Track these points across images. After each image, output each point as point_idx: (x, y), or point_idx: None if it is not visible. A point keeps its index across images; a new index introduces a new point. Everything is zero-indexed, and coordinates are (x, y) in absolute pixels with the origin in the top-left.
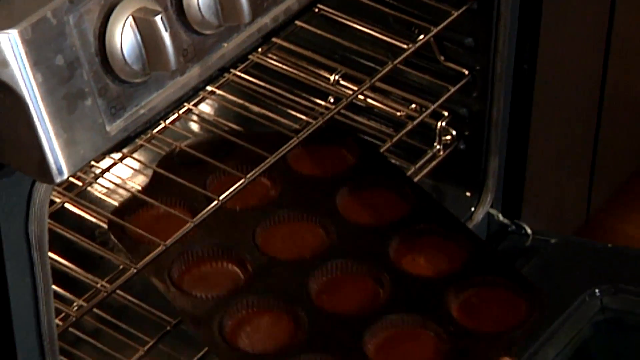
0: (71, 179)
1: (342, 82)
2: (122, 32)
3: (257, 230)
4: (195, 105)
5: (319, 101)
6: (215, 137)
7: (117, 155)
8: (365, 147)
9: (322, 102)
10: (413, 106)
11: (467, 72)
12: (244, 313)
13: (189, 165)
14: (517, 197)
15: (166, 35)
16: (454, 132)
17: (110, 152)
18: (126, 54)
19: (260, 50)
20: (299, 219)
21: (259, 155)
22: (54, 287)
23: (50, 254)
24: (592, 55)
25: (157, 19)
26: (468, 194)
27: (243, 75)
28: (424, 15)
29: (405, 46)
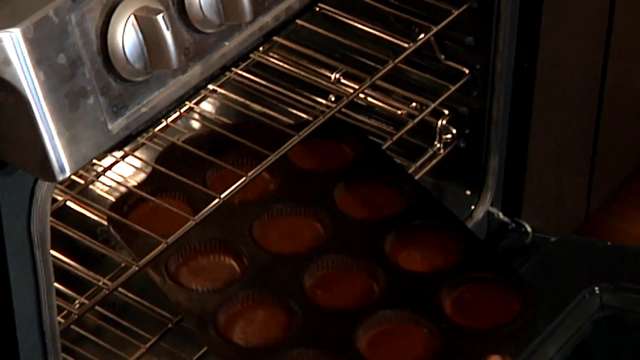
0: (73, 177)
1: (343, 80)
2: (124, 31)
3: (255, 223)
4: (197, 103)
5: (320, 100)
6: (216, 129)
7: (119, 154)
8: (365, 142)
9: (323, 101)
10: (414, 105)
11: (467, 71)
12: (239, 306)
13: (189, 157)
14: (517, 195)
15: (168, 34)
16: (454, 131)
17: (112, 151)
18: (128, 53)
19: (261, 49)
20: (296, 213)
21: (260, 148)
22: (56, 284)
23: (52, 252)
24: (592, 54)
25: (159, 17)
26: (468, 192)
27: (244, 73)
28: (424, 14)
29: (405, 45)
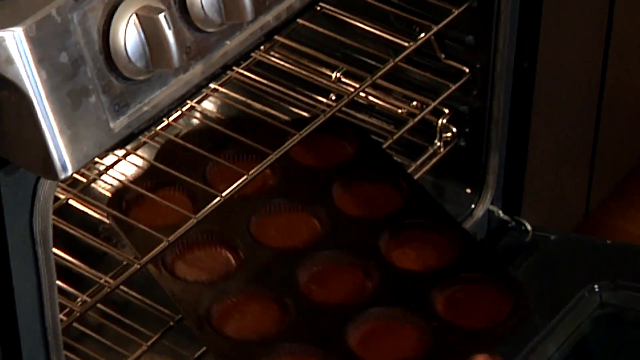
0: (75, 175)
1: (343, 79)
2: (126, 30)
3: (253, 218)
4: (198, 102)
5: (320, 98)
6: (215, 126)
7: (120, 152)
8: (365, 139)
9: (324, 100)
10: (414, 103)
11: (467, 70)
12: (233, 299)
13: (189, 150)
14: (517, 193)
15: (169, 33)
16: (455, 129)
17: (114, 149)
18: (130, 52)
19: (262, 48)
20: (294, 208)
21: (260, 140)
22: (58, 282)
23: (55, 250)
24: (592, 53)
25: (161, 16)
26: (468, 190)
27: (246, 72)
28: (425, 14)
29: (406, 44)
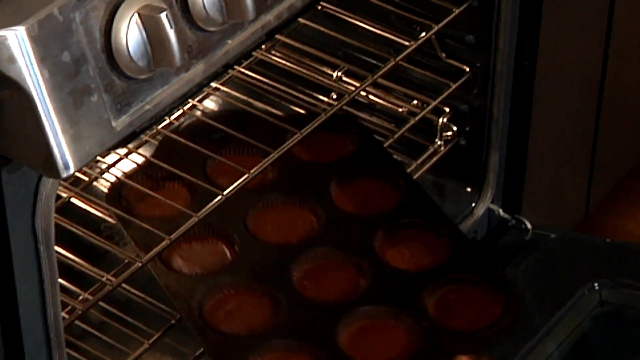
0: (77, 174)
1: (344, 78)
2: (128, 29)
3: (250, 212)
4: (200, 101)
5: (322, 97)
6: (218, 116)
7: (122, 151)
8: (365, 135)
9: (325, 99)
10: (415, 102)
11: (468, 69)
12: (226, 293)
13: (191, 141)
14: (517, 192)
15: (171, 32)
16: (455, 128)
17: (116, 148)
18: (132, 51)
19: (264, 47)
20: (291, 203)
21: (260, 135)
22: (60, 280)
23: (57, 248)
24: (592, 52)
25: (163, 16)
26: (469, 189)
27: (247, 71)
28: (425, 13)
29: (407, 43)
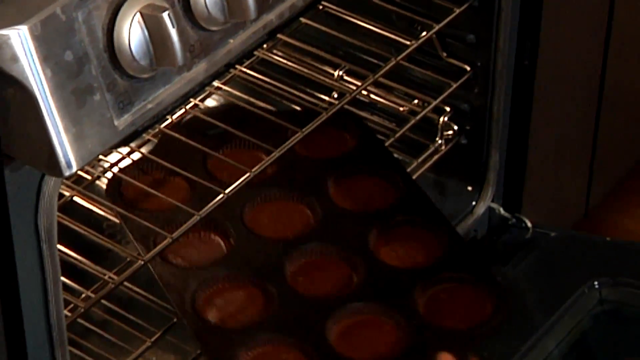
0: (80, 172)
1: (346, 77)
2: (130, 28)
3: (247, 205)
4: (202, 100)
5: (323, 96)
6: (218, 110)
7: (124, 150)
8: (365, 132)
9: (326, 98)
10: (416, 101)
11: (468, 68)
12: (219, 285)
13: (192, 136)
14: (518, 191)
15: (173, 31)
16: (456, 127)
17: (118, 147)
18: (134, 50)
19: (265, 46)
20: (289, 198)
21: (262, 130)
22: (63, 278)
23: (59, 246)
24: (592, 51)
25: (165, 15)
26: (469, 188)
27: (249, 71)
28: (426, 13)
29: (408, 43)
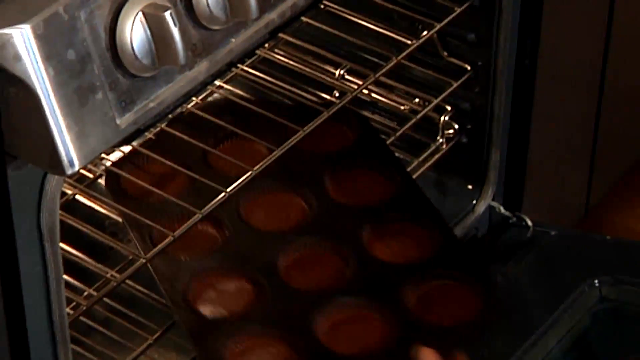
0: (82, 171)
1: (347, 76)
2: (132, 28)
3: (243, 197)
4: (204, 99)
5: (324, 95)
6: (219, 103)
7: (126, 148)
8: (365, 127)
9: (328, 97)
10: (416, 100)
11: (469, 67)
12: (212, 277)
13: (191, 129)
14: (518, 189)
15: (175, 30)
16: (457, 126)
17: (120, 145)
18: (136, 49)
19: (267, 45)
20: (285, 191)
21: (262, 122)
22: (65, 276)
23: (62, 245)
24: (592, 50)
25: (167, 14)
26: (470, 186)
27: (250, 70)
28: (427, 12)
29: (409, 42)
